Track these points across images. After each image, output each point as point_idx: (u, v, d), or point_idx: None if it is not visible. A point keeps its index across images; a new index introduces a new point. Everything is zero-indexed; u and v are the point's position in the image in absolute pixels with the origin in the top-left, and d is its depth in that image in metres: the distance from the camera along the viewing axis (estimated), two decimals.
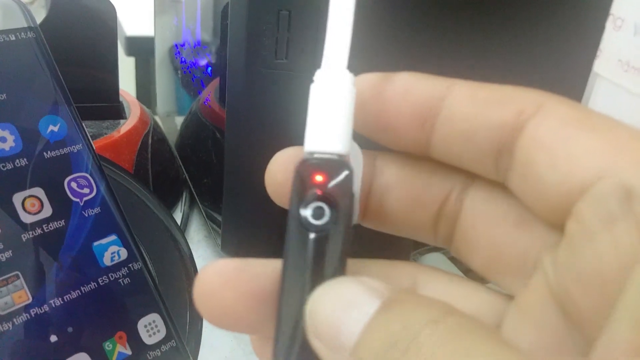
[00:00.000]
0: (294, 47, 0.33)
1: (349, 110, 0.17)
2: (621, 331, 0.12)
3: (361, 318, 0.13)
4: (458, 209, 0.17)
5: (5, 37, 0.27)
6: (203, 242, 0.45)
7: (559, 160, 0.14)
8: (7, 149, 0.26)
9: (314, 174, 0.16)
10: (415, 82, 0.17)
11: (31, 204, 0.26)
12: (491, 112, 0.15)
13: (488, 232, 0.17)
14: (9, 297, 0.25)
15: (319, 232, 0.16)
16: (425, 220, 0.18)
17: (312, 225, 0.16)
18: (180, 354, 0.29)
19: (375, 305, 0.13)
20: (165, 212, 0.33)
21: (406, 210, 0.18)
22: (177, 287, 0.32)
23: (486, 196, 0.17)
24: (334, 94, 0.17)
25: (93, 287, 0.27)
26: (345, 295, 0.14)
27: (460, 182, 0.17)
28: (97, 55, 0.46)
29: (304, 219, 0.16)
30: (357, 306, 0.13)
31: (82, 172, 0.28)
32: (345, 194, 0.16)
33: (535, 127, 0.14)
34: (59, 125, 0.28)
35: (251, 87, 0.34)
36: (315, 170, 0.16)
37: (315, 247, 0.15)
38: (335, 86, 0.17)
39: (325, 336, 0.14)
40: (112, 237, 0.28)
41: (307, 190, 0.16)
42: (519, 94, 0.15)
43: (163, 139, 0.49)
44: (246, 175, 0.37)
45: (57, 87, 0.28)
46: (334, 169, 0.16)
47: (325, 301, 0.14)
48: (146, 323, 0.28)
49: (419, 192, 0.18)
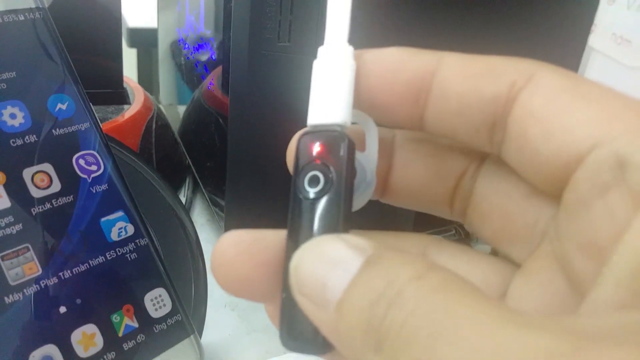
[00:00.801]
0: (297, 30, 0.34)
1: (347, 82, 0.17)
2: (606, 289, 0.12)
3: (345, 275, 0.13)
4: (473, 183, 0.18)
5: (15, 17, 0.28)
6: (206, 225, 0.46)
7: (553, 132, 0.14)
8: (16, 125, 0.27)
9: (312, 144, 0.17)
10: (406, 58, 0.17)
11: (40, 179, 0.27)
12: (483, 86, 0.15)
13: (499, 203, 0.17)
14: (19, 269, 0.25)
15: (313, 199, 0.16)
16: (442, 195, 0.18)
17: (307, 192, 0.16)
18: (186, 328, 0.29)
19: (359, 262, 0.13)
20: (170, 191, 0.34)
21: (424, 185, 0.18)
22: (182, 264, 0.33)
23: (498, 170, 0.17)
24: (333, 67, 0.17)
25: (101, 261, 0.28)
26: (329, 252, 0.14)
27: (477, 158, 0.18)
28: (102, 42, 0.46)
29: (301, 186, 0.16)
30: (341, 263, 0.13)
31: (90, 150, 0.29)
32: (341, 162, 0.16)
33: (528, 98, 0.15)
34: (67, 104, 0.29)
35: (254, 70, 0.35)
36: (313, 141, 0.17)
37: (310, 213, 0.16)
38: (334, 60, 0.17)
39: (310, 292, 0.14)
40: (119, 213, 0.29)
41: (305, 159, 0.17)
42: (510, 65, 0.15)
43: (166, 124, 0.49)
44: (249, 157, 0.37)
45: (65, 66, 0.29)
46: (331, 140, 0.17)
47: (309, 258, 0.14)
48: (152, 297, 0.29)
49: (437, 168, 0.18)
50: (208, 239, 0.44)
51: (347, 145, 0.16)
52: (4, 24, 0.27)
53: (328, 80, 0.17)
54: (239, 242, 0.16)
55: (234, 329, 0.36)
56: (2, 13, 0.27)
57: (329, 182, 0.16)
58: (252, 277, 0.16)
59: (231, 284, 0.16)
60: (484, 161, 0.18)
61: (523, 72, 0.15)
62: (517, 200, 0.17)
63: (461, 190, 0.18)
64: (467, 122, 0.16)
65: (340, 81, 0.17)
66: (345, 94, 0.17)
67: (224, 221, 0.40)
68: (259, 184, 0.38)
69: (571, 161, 0.14)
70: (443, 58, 0.16)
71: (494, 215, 0.17)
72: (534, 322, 0.11)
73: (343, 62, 0.17)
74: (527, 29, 0.32)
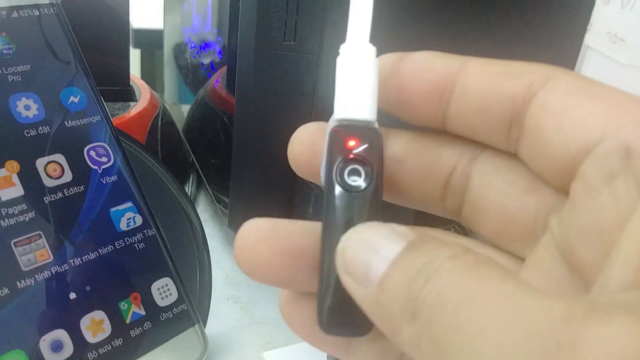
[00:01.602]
0: (302, 29, 0.35)
1: (374, 81, 0.18)
2: (616, 270, 0.13)
3: (389, 255, 0.14)
4: (465, 180, 0.18)
5: (30, 12, 0.29)
6: (210, 220, 0.46)
7: (564, 124, 0.15)
8: (30, 116, 0.28)
9: (348, 139, 0.18)
10: (433, 60, 0.18)
11: (53, 169, 0.28)
12: (503, 85, 0.16)
13: (498, 199, 0.18)
14: (31, 255, 0.26)
15: (355, 191, 0.17)
16: (433, 192, 0.19)
17: (349, 185, 0.17)
18: (191, 317, 0.30)
19: (401, 245, 0.14)
20: (177, 185, 0.34)
21: (415, 182, 0.19)
22: (187, 256, 0.33)
23: (494, 166, 0.18)
24: (359, 65, 0.18)
25: (110, 249, 0.28)
26: (375, 235, 0.15)
27: (467, 154, 0.18)
28: (110, 42, 0.47)
29: (342, 180, 0.17)
30: (385, 245, 0.15)
31: (101, 142, 0.30)
32: (377, 156, 0.18)
33: (544, 96, 0.15)
34: (79, 97, 0.30)
35: (260, 68, 0.36)
36: (349, 135, 0.18)
37: (354, 205, 0.17)
38: (360, 58, 0.18)
39: (355, 271, 0.15)
40: (128, 204, 0.30)
41: (343, 153, 0.18)
42: (529, 68, 0.16)
43: (172, 122, 0.50)
44: (254, 154, 0.38)
45: (78, 60, 0.30)
46: (366, 135, 0.18)
47: (357, 240, 0.15)
48: (159, 286, 0.30)
49: (427, 164, 0.19)
50: (211, 234, 0.44)
51: (381, 142, 0.18)
52: (20, 18, 0.28)
53: (354, 78, 0.18)
54: (260, 229, 0.17)
55: (237, 321, 0.36)
56: (17, 8, 0.28)
57: (369, 176, 0.17)
58: (271, 263, 0.17)
59: (252, 269, 0.17)
60: (476, 158, 0.18)
61: (540, 74, 0.16)
62: (516, 196, 0.17)
63: (452, 187, 0.19)
64: (487, 120, 0.17)
65: (368, 79, 0.18)
66: (373, 92, 0.18)
67: (227, 217, 0.41)
68: (263, 181, 0.39)
69: (580, 152, 0.15)
70: (467, 61, 0.17)
71: (492, 213, 0.18)
72: (551, 294, 0.12)
73: (368, 61, 0.18)
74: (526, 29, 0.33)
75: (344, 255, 0.15)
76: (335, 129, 0.18)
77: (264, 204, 0.40)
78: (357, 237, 0.16)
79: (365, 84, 0.18)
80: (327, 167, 0.18)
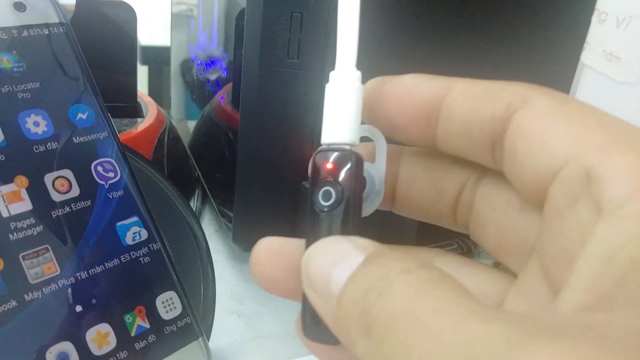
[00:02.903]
0: (305, 47, 0.36)
1: (355, 105, 0.19)
2: (570, 292, 0.13)
3: (347, 270, 0.15)
4: (472, 197, 0.19)
5: (39, 31, 0.30)
6: (214, 235, 0.47)
7: (534, 148, 0.15)
8: (39, 132, 0.28)
9: (325, 163, 0.19)
10: (418, 84, 0.18)
11: (61, 184, 0.28)
12: (483, 108, 0.17)
13: (495, 217, 0.18)
14: (39, 268, 0.27)
15: (325, 211, 0.18)
16: (445, 208, 0.20)
17: (321, 205, 0.18)
18: (195, 330, 0.30)
19: (360, 259, 0.15)
20: (182, 199, 0.35)
21: (428, 199, 0.20)
22: (191, 270, 0.34)
23: (495, 185, 0.18)
24: (342, 91, 0.19)
25: (116, 263, 0.29)
26: (335, 250, 0.16)
27: (475, 174, 0.19)
28: (117, 59, 0.48)
29: (315, 201, 0.19)
30: (345, 260, 0.15)
31: (108, 158, 0.30)
32: (350, 178, 0.19)
33: (519, 119, 0.16)
34: (87, 114, 0.30)
35: (265, 84, 0.36)
36: (325, 159, 0.19)
37: (323, 223, 0.18)
38: (343, 84, 0.19)
39: (317, 286, 0.15)
40: (133, 218, 0.30)
41: (318, 176, 0.19)
42: (508, 88, 0.17)
43: (178, 138, 0.51)
44: (258, 168, 0.39)
45: (86, 78, 0.31)
46: (340, 158, 0.19)
47: (318, 255, 0.16)
48: (164, 300, 0.30)
49: (439, 182, 0.20)
50: (216, 248, 0.45)
51: (355, 163, 0.19)
52: (30, 37, 0.29)
53: (338, 103, 0.19)
54: (270, 247, 0.19)
55: (240, 335, 0.37)
56: (28, 27, 0.29)
57: (339, 196, 0.18)
58: (280, 277, 0.19)
59: (265, 282, 0.19)
60: (483, 176, 0.19)
61: (518, 94, 0.16)
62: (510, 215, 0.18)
63: (462, 203, 0.19)
64: (472, 141, 0.17)
65: (349, 104, 0.19)
66: (353, 116, 0.19)
67: (231, 232, 0.42)
68: (267, 196, 0.40)
69: (548, 175, 0.15)
70: (452, 83, 0.17)
71: (491, 228, 0.19)
72: (499, 316, 0.12)
73: (351, 86, 0.19)
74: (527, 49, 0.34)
75: (307, 270, 0.16)
76: (315, 154, 0.19)
77: (268, 218, 0.40)
78: (318, 251, 0.16)
79: (346, 109, 0.19)
80: (309, 190, 0.19)
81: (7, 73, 0.28)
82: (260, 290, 0.41)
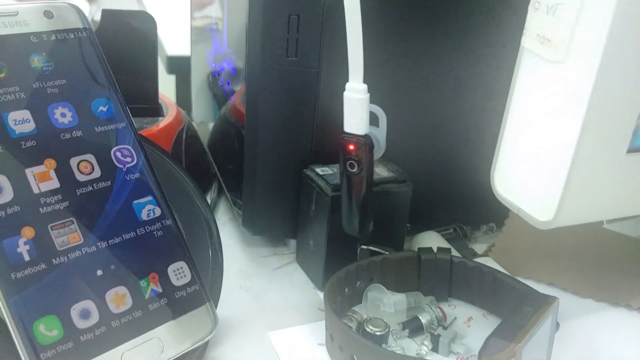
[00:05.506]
0: (303, 46, 0.40)
1: (364, 109, 0.35)
2: None
3: None
4: None
5: (66, 35, 0.34)
6: (228, 223, 0.51)
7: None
8: (66, 122, 0.33)
9: (348, 144, 0.36)
10: None
11: (84, 167, 0.33)
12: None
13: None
14: (65, 237, 0.31)
15: (352, 175, 0.36)
16: None
17: (349, 171, 0.36)
18: (202, 296, 0.34)
19: None
20: (194, 185, 0.39)
21: None
22: (201, 246, 0.38)
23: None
24: (355, 100, 0.35)
25: (132, 235, 0.33)
26: None
27: None
28: (140, 64, 0.53)
29: (345, 169, 0.36)
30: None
31: (126, 145, 0.35)
32: (366, 156, 0.35)
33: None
34: (107, 107, 0.35)
35: (266, 81, 0.40)
36: (348, 142, 0.36)
37: (352, 183, 0.36)
38: (355, 94, 0.35)
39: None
40: (148, 197, 0.34)
41: (346, 154, 0.36)
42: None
43: (195, 135, 0.55)
44: (262, 157, 0.43)
45: (107, 76, 0.35)
46: (358, 144, 0.36)
47: None
48: (175, 269, 0.34)
49: None
50: (230, 234, 0.49)
51: (368, 147, 0.35)
52: (58, 40, 0.34)
53: (353, 108, 0.35)
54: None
55: (247, 306, 0.40)
56: (56, 32, 0.34)
57: (360, 166, 0.35)
58: None
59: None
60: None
61: None
62: None
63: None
64: None
65: (360, 109, 0.35)
66: (364, 117, 0.35)
67: (241, 217, 0.46)
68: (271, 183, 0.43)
69: None
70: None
71: None
72: None
73: (360, 97, 0.35)
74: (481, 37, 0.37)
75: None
76: (341, 138, 0.35)
77: (273, 204, 0.44)
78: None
79: (358, 113, 0.35)
80: (340, 162, 0.36)
81: (38, 71, 0.33)
82: (267, 269, 0.47)
